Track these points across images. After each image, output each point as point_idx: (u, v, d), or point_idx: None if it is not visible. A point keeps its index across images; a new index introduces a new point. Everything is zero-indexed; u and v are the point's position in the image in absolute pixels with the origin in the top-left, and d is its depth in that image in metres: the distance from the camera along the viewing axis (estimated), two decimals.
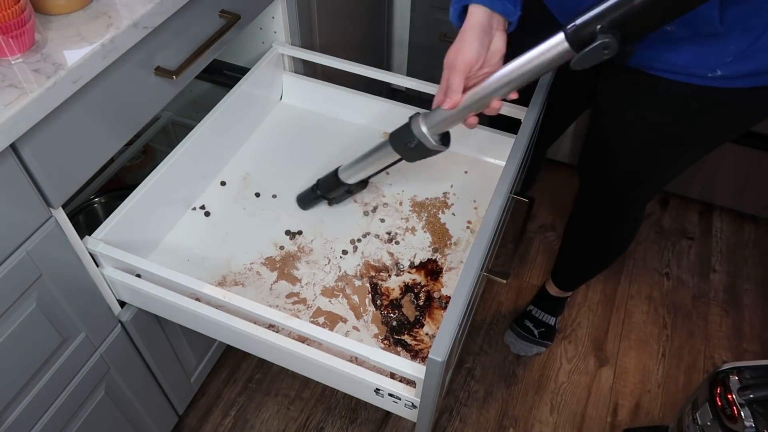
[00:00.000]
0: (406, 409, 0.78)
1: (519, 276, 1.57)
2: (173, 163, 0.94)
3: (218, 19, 0.91)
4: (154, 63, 0.81)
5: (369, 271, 0.95)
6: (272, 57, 1.11)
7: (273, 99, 1.18)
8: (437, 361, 0.65)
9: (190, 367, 1.17)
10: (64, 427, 0.88)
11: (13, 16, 0.62)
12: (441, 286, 0.93)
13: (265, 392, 1.34)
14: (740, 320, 1.51)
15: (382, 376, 0.76)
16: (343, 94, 1.15)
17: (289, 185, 1.06)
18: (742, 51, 0.74)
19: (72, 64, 0.66)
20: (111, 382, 0.95)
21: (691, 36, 0.75)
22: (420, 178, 1.08)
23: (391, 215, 1.02)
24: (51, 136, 0.68)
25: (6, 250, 0.68)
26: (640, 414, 1.34)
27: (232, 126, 1.07)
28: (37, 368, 0.79)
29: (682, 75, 0.80)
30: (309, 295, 0.92)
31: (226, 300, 0.77)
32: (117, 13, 0.72)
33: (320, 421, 1.30)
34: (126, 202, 0.88)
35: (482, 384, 1.37)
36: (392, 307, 0.91)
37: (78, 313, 0.82)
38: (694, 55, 0.77)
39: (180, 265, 0.94)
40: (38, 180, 0.69)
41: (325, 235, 0.99)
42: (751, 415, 0.91)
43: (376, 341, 0.87)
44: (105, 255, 0.81)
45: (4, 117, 0.60)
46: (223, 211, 1.02)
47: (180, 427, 1.28)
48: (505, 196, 0.79)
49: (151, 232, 0.95)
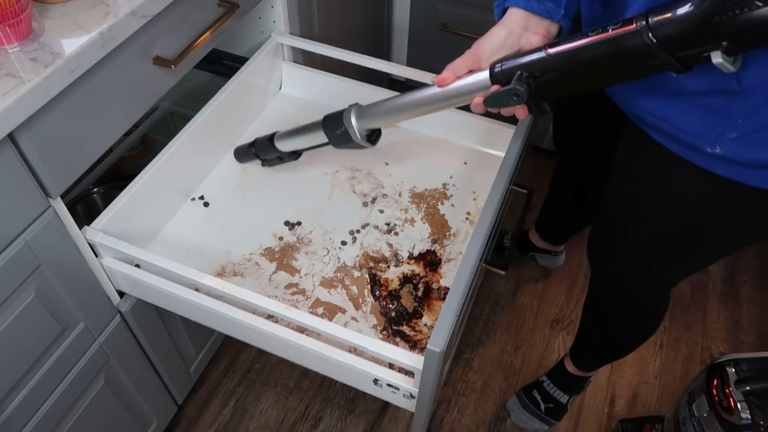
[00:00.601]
0: (405, 399, 0.78)
1: (518, 268, 1.57)
2: (172, 153, 0.94)
3: (217, 8, 0.90)
4: (153, 52, 0.80)
5: (368, 262, 0.95)
6: (271, 46, 1.11)
7: (272, 89, 1.18)
8: (435, 351, 0.65)
9: (189, 357, 1.18)
10: (63, 417, 0.88)
11: (10, 5, 0.62)
12: (440, 277, 0.93)
13: (264, 382, 1.35)
14: (738, 312, 1.51)
15: (380, 367, 0.77)
16: (342, 84, 1.14)
17: (288, 176, 1.06)
18: (755, 128, 0.60)
19: (70, 53, 0.65)
20: (110, 371, 0.95)
21: (704, 91, 0.61)
22: (419, 169, 1.07)
23: (390, 206, 1.02)
24: (49, 126, 0.68)
25: (5, 240, 0.68)
26: (637, 405, 1.35)
27: (231, 116, 1.07)
28: (37, 358, 0.79)
29: (682, 146, 0.68)
30: (308, 286, 0.92)
31: (225, 290, 0.77)
32: (115, 2, 0.72)
33: (319, 411, 1.31)
34: (125, 192, 0.88)
35: (480, 375, 1.38)
36: (391, 297, 0.91)
37: (77, 303, 0.82)
38: (699, 120, 0.64)
39: (179, 256, 0.94)
40: (36, 170, 0.69)
41: (324, 226, 0.99)
42: (748, 408, 0.92)
43: (375, 332, 0.87)
44: (104, 245, 0.81)
45: (1, 107, 0.59)
46: (222, 201, 1.02)
47: (179, 417, 1.28)
48: (505, 187, 0.79)
49: (150, 222, 0.95)
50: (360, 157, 1.09)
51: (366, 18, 1.52)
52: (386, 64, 1.08)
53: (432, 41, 1.60)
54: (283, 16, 1.10)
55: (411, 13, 1.61)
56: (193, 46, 0.85)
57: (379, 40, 1.66)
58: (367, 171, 1.07)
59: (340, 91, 1.15)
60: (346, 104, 1.16)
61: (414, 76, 1.06)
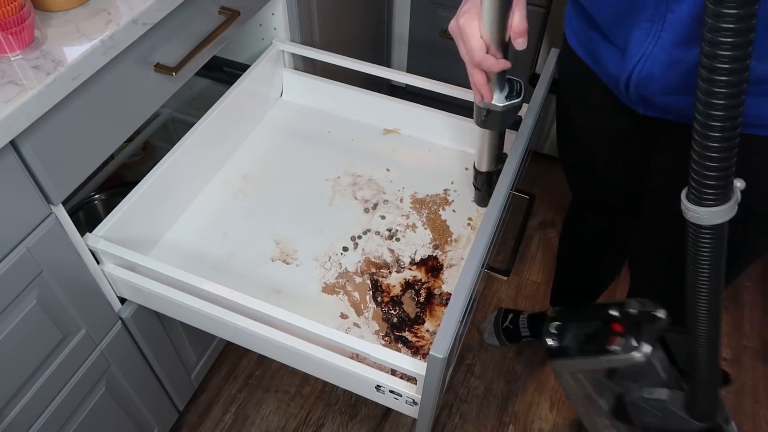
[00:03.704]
0: (407, 406, 0.78)
1: (519, 273, 1.57)
2: (174, 160, 0.94)
3: (218, 15, 0.91)
4: (154, 59, 0.81)
5: (370, 267, 0.95)
6: (272, 54, 1.11)
7: (273, 96, 1.18)
8: (438, 357, 0.65)
9: (190, 363, 1.18)
10: (65, 423, 0.88)
11: (12, 13, 0.62)
12: (442, 282, 0.93)
13: (265, 388, 1.35)
14: (740, 317, 1.51)
15: (383, 373, 0.76)
16: (343, 91, 1.14)
17: (290, 182, 1.06)
18: None
19: (71, 60, 0.66)
20: (111, 378, 0.95)
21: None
22: (420, 175, 1.08)
23: (392, 212, 1.02)
24: (51, 133, 0.68)
25: (6, 247, 0.68)
26: None
27: (233, 123, 1.07)
28: (38, 365, 0.79)
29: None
30: (310, 292, 0.92)
31: (227, 297, 0.77)
32: (116, 10, 0.72)
33: (320, 418, 1.31)
34: (126, 199, 0.88)
35: (482, 381, 1.38)
36: (393, 303, 0.91)
37: (78, 310, 0.82)
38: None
39: (180, 262, 0.94)
40: (38, 177, 0.69)
41: (326, 232, 0.99)
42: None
43: (377, 338, 0.87)
44: (106, 252, 0.81)
45: (3, 114, 0.60)
46: (223, 207, 1.02)
47: (180, 423, 1.28)
48: (506, 192, 0.79)
49: (151, 229, 0.95)
50: (361, 163, 1.09)
51: (366, 25, 1.53)
52: (386, 71, 1.08)
53: (432, 47, 1.61)
54: (283, 23, 1.10)
55: (411, 19, 1.62)
56: (194, 54, 0.85)
57: (379, 46, 1.67)
58: (369, 177, 1.07)
59: (341, 98, 1.15)
60: (347, 111, 1.17)
61: (414, 82, 1.07)
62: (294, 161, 1.09)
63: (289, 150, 1.11)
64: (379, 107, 1.13)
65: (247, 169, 1.08)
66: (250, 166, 1.08)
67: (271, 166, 1.09)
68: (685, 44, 0.64)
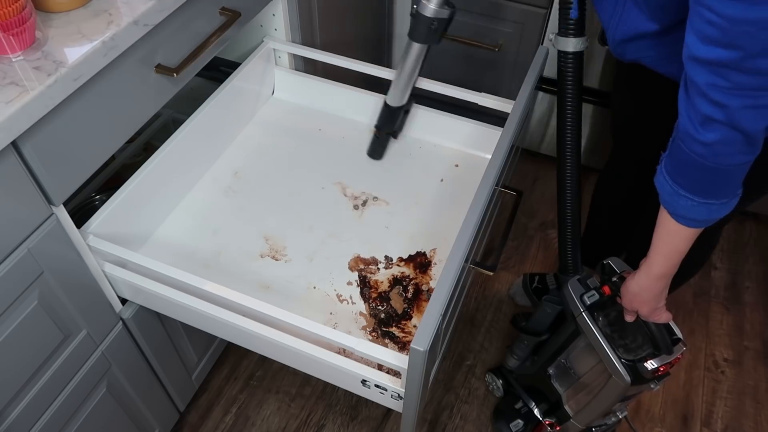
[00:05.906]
0: (393, 400, 0.79)
1: (520, 273, 1.57)
2: (164, 157, 0.94)
3: (219, 16, 0.91)
4: (155, 60, 0.81)
5: (358, 263, 0.95)
6: (263, 52, 1.11)
7: (265, 94, 1.18)
8: (419, 350, 0.65)
9: (191, 363, 1.18)
10: (66, 424, 0.88)
11: (13, 14, 0.62)
12: (429, 278, 0.94)
13: (266, 389, 1.35)
14: (741, 318, 1.51)
15: (369, 368, 0.77)
16: (335, 89, 1.15)
17: (280, 179, 1.06)
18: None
19: (73, 61, 0.66)
20: (112, 379, 0.95)
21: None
22: (410, 172, 1.08)
23: (381, 209, 1.03)
24: (52, 134, 0.68)
25: (8, 248, 0.68)
26: (640, 411, 1.34)
27: (224, 120, 1.07)
28: (39, 365, 0.79)
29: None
30: (298, 288, 0.92)
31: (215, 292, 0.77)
32: (117, 11, 0.72)
33: (321, 418, 1.31)
34: (116, 195, 0.88)
35: (483, 381, 1.38)
36: (381, 299, 0.91)
37: (79, 311, 0.82)
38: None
39: (171, 259, 0.94)
40: (39, 177, 0.69)
41: (315, 229, 1.00)
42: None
43: (365, 333, 0.88)
44: (95, 248, 0.81)
45: (5, 115, 0.60)
46: (213, 204, 1.02)
47: (181, 424, 1.28)
48: (490, 188, 0.80)
49: (141, 225, 0.95)
50: (351, 160, 1.09)
51: (367, 25, 1.53)
52: (386, 71, 1.09)
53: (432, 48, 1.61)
54: (284, 24, 1.11)
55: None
56: (196, 55, 0.86)
57: (380, 47, 1.67)
58: (358, 174, 1.08)
59: (333, 96, 1.16)
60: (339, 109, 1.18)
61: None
62: (285, 159, 1.10)
63: (279, 147, 1.12)
64: (371, 105, 1.13)
65: (237, 167, 1.08)
66: (241, 163, 1.09)
67: (262, 163, 1.09)
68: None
